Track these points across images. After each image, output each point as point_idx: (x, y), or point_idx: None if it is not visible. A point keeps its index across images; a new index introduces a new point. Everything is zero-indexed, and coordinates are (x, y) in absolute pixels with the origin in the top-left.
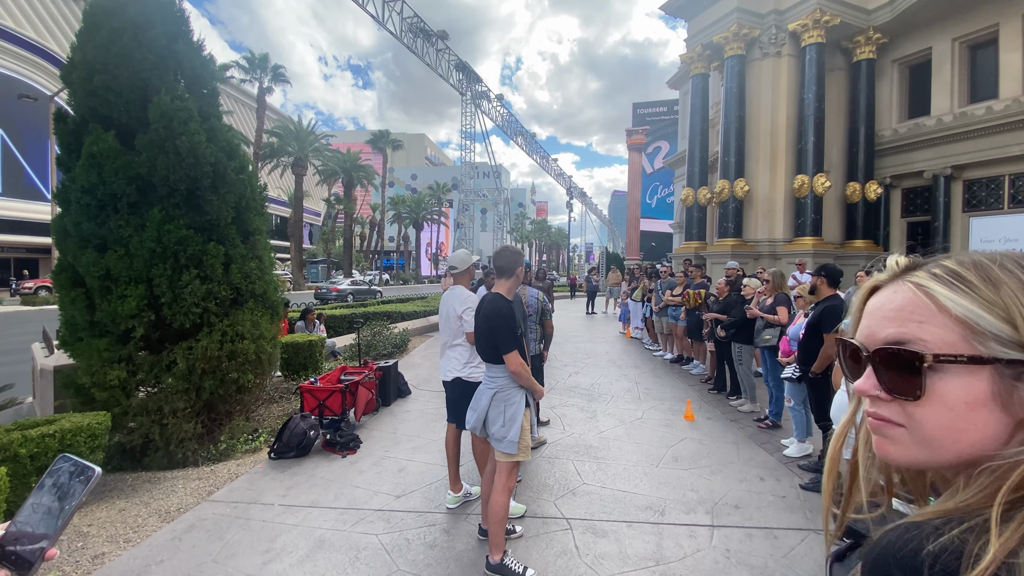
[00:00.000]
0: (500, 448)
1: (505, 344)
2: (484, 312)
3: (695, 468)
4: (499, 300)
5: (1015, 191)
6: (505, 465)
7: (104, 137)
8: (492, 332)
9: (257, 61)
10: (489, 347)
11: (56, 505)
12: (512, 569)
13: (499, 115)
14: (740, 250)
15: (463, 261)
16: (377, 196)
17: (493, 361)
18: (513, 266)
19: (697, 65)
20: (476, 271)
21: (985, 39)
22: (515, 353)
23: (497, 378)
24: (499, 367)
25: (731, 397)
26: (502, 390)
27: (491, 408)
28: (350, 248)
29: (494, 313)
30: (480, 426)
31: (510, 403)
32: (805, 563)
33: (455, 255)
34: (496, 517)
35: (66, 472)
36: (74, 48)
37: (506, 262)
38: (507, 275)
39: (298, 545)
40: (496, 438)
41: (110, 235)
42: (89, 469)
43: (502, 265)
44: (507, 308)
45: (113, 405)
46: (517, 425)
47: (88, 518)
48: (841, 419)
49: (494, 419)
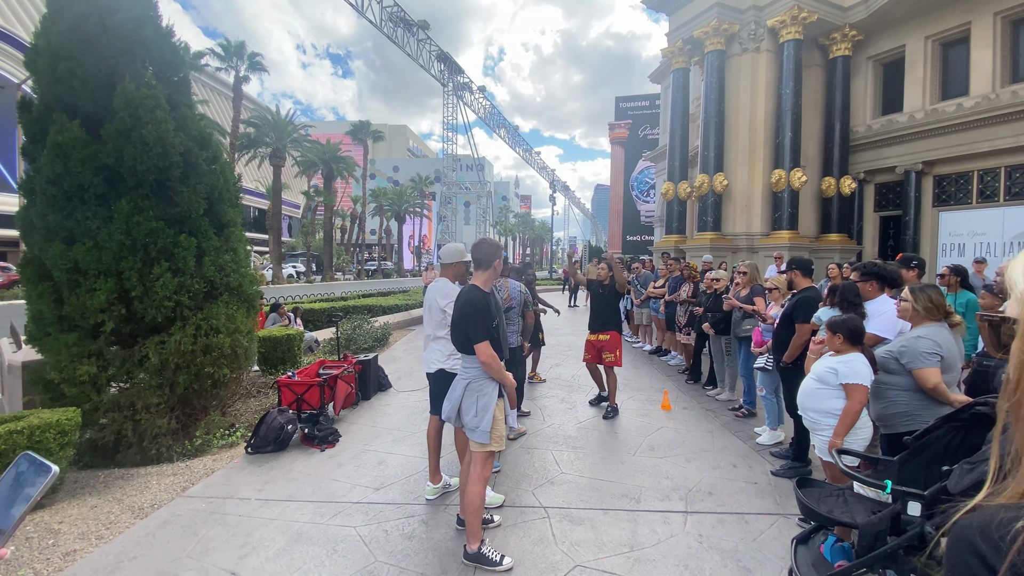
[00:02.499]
0: (473, 438)
1: (476, 335)
2: (458, 303)
3: (671, 456)
4: (474, 291)
5: (983, 186)
6: (479, 455)
7: (70, 126)
8: (464, 322)
9: (233, 48)
10: (463, 337)
11: (12, 503)
12: (489, 557)
13: (482, 107)
14: (719, 244)
15: (450, 255)
16: (358, 188)
17: (467, 352)
18: (491, 258)
19: (678, 60)
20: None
21: (957, 37)
22: (485, 344)
23: (470, 368)
24: (473, 358)
25: (707, 387)
26: (475, 380)
27: (464, 398)
28: (330, 241)
29: (467, 303)
30: (455, 415)
31: (483, 393)
32: (774, 546)
33: (447, 247)
34: (472, 506)
35: (23, 470)
36: (37, 34)
37: (484, 254)
38: (484, 267)
39: (275, 539)
40: (469, 428)
41: (77, 227)
42: (46, 467)
43: (480, 257)
44: (480, 299)
45: (83, 401)
46: (489, 415)
47: (59, 515)
48: (805, 404)
49: (467, 409)
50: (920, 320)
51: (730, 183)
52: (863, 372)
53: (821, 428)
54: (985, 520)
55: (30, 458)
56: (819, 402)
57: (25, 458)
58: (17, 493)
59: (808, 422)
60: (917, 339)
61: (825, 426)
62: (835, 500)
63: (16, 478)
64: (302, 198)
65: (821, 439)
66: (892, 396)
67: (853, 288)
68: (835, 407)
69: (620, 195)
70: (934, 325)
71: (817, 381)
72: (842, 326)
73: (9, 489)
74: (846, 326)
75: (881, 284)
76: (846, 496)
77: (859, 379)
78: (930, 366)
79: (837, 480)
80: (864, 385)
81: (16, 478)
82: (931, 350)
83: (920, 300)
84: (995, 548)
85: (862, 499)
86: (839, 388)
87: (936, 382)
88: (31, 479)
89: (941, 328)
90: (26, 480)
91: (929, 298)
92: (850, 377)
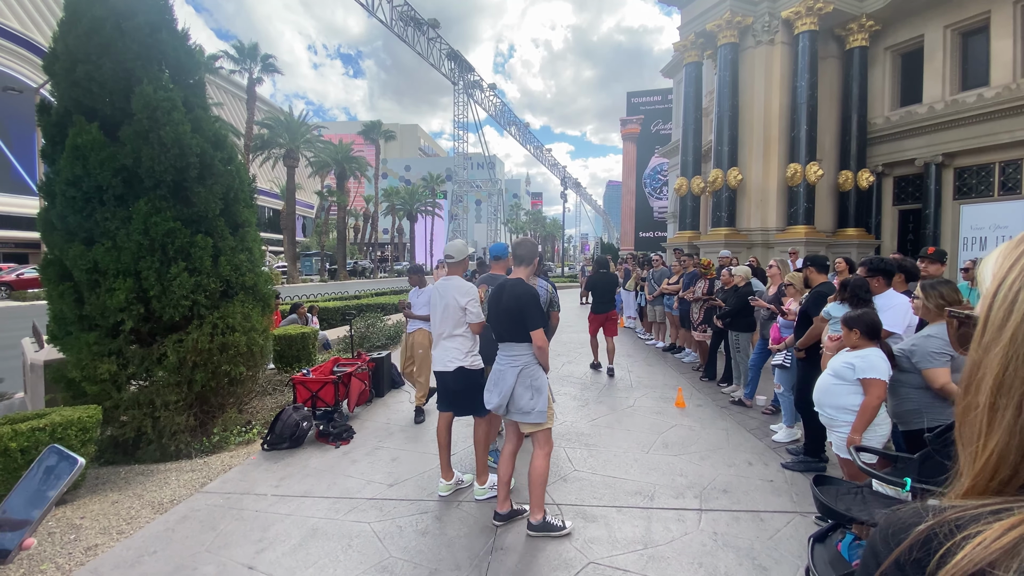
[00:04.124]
0: (530, 420)
1: (534, 321)
2: (513, 294)
3: (685, 454)
4: (524, 284)
5: (1005, 178)
6: (541, 434)
7: (88, 128)
8: (522, 311)
9: (246, 51)
10: (515, 326)
11: (40, 494)
12: (554, 524)
13: (492, 105)
14: (733, 239)
15: (460, 251)
16: (370, 188)
17: (517, 340)
18: (532, 255)
19: (691, 54)
20: (471, 262)
21: (977, 26)
22: (542, 330)
23: (521, 356)
24: (523, 346)
25: (722, 384)
26: (527, 367)
27: (517, 385)
28: (344, 241)
29: (524, 294)
30: (505, 405)
31: (535, 377)
32: (790, 544)
33: (452, 244)
34: (541, 480)
35: (52, 462)
36: (56, 38)
37: (526, 251)
38: (526, 263)
39: (291, 534)
40: (524, 411)
41: (96, 228)
42: (72, 459)
43: (522, 254)
44: (533, 290)
45: (104, 399)
46: (544, 396)
47: (81, 510)
48: (821, 401)
49: (521, 394)
50: (934, 317)
51: (744, 178)
52: (880, 366)
53: (838, 425)
54: (889, 521)
55: (57, 451)
56: (836, 398)
57: (52, 451)
58: (44, 485)
59: (825, 419)
60: (927, 338)
61: (842, 423)
62: (853, 498)
63: (43, 470)
64: (315, 198)
65: (838, 436)
66: (904, 393)
67: (863, 283)
68: (852, 403)
69: (632, 191)
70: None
71: (834, 377)
72: (859, 321)
73: (37, 481)
74: (863, 321)
75: (888, 279)
76: (864, 494)
77: (877, 373)
78: (938, 366)
79: (854, 478)
80: (882, 379)
81: (43, 470)
82: (940, 349)
83: (931, 297)
84: (886, 546)
85: (880, 497)
86: (856, 383)
87: (944, 382)
88: (58, 471)
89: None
90: (53, 472)
91: (941, 295)
92: (868, 372)
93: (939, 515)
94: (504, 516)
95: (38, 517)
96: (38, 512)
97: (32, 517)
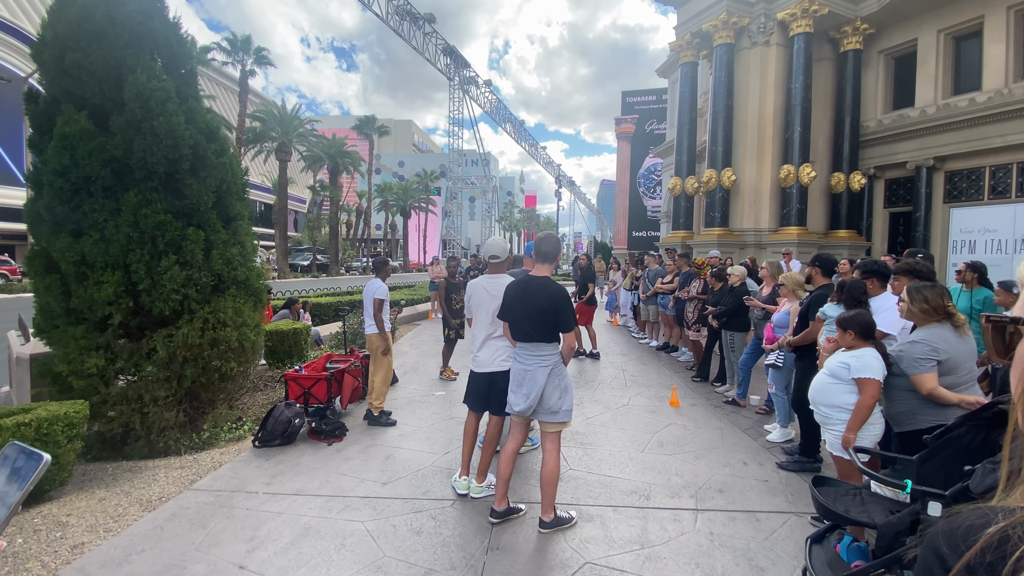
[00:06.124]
0: (556, 419)
1: (568, 323)
2: (547, 294)
3: (680, 453)
4: (556, 283)
5: (995, 182)
6: (556, 434)
7: (77, 118)
8: (557, 313)
9: (239, 43)
10: (547, 327)
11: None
12: (564, 517)
13: (487, 101)
14: (726, 239)
15: (503, 249)
16: (363, 183)
17: (548, 340)
18: (556, 252)
19: (686, 53)
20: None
21: (970, 31)
22: (574, 331)
23: (551, 356)
24: (552, 345)
25: (716, 384)
26: (556, 366)
27: (548, 384)
28: (336, 236)
29: (559, 294)
30: (535, 405)
31: (563, 376)
32: (786, 545)
33: (494, 242)
34: (554, 479)
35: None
36: (45, 25)
37: (551, 248)
38: (550, 260)
39: (283, 533)
40: (553, 411)
41: (85, 220)
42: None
43: (548, 250)
44: (566, 290)
45: (92, 393)
46: (570, 395)
47: (67, 507)
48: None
49: (550, 394)
50: (920, 321)
51: (738, 178)
52: (875, 366)
53: (833, 423)
54: (954, 523)
55: (18, 447)
56: (831, 397)
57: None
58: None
59: (820, 417)
60: (912, 344)
61: (837, 421)
62: (851, 499)
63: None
64: (308, 193)
65: (833, 434)
66: (896, 395)
67: (860, 285)
68: (847, 402)
69: (626, 190)
70: (934, 327)
71: (829, 376)
72: (852, 322)
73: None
74: (856, 321)
75: (882, 281)
76: (863, 495)
77: (871, 373)
78: (923, 372)
79: (846, 476)
80: (876, 379)
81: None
82: (925, 355)
83: (916, 301)
84: (954, 549)
85: (879, 498)
86: (851, 383)
87: (931, 387)
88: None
89: (941, 329)
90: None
91: (925, 299)
92: (862, 371)
93: (1010, 517)
94: (501, 513)
95: (5, 518)
96: (4, 512)
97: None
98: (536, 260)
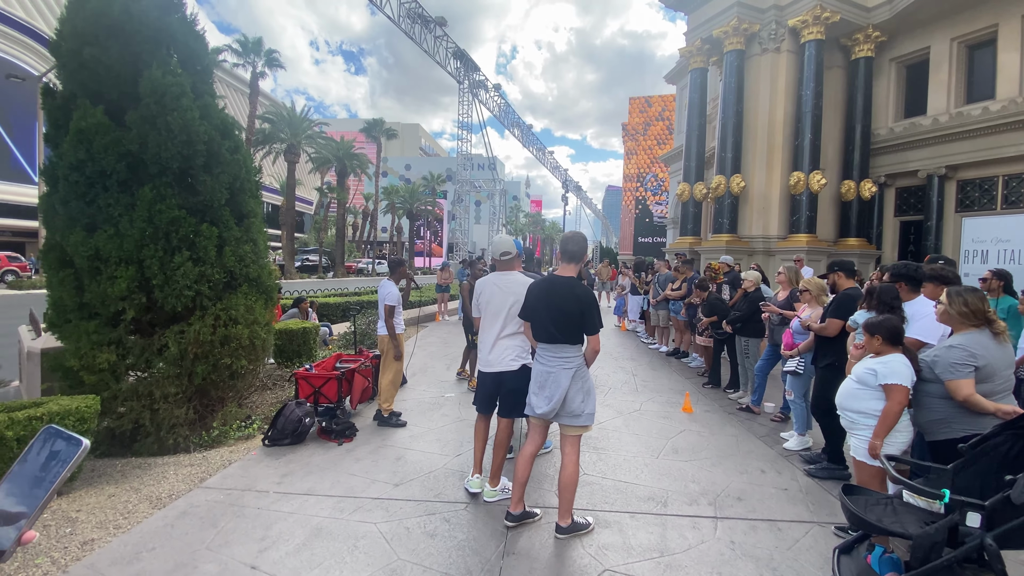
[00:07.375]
0: (579, 423)
1: (594, 325)
2: (574, 295)
3: (695, 460)
4: (582, 285)
5: (1008, 192)
6: (577, 438)
7: (93, 112)
8: (583, 315)
9: (251, 45)
10: (572, 328)
11: (38, 482)
12: (581, 523)
13: (496, 105)
14: (735, 246)
15: (512, 245)
16: (370, 185)
17: (572, 342)
18: (582, 251)
19: (696, 59)
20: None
21: (984, 39)
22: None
23: (574, 358)
24: (576, 347)
25: (729, 390)
26: (580, 368)
27: (571, 387)
28: (343, 238)
29: (586, 296)
30: (558, 408)
31: (587, 378)
32: (811, 555)
33: (502, 240)
34: (573, 484)
35: (50, 445)
36: (63, 19)
37: (578, 247)
38: (577, 260)
39: (294, 533)
40: (575, 414)
41: (99, 214)
42: (76, 440)
43: (575, 250)
44: (592, 292)
45: (102, 389)
46: (594, 397)
47: (77, 503)
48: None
49: (574, 396)
50: (958, 325)
51: (747, 185)
52: (903, 372)
53: (859, 428)
54: None
55: (56, 431)
56: (858, 402)
57: (49, 431)
58: (44, 472)
59: (846, 422)
60: (949, 349)
61: (863, 426)
62: (883, 508)
63: (41, 455)
64: (315, 194)
65: (858, 439)
66: (928, 403)
67: (891, 290)
68: (874, 408)
69: (632, 196)
70: (973, 332)
71: (857, 382)
72: (880, 327)
73: (35, 467)
74: (884, 327)
75: (911, 285)
76: (895, 505)
77: (898, 379)
78: (960, 377)
79: (867, 483)
80: (904, 386)
81: (41, 455)
82: (962, 361)
83: (956, 304)
84: None
85: (912, 508)
86: (879, 389)
87: (967, 394)
88: (59, 455)
89: (980, 335)
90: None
91: (965, 302)
92: (889, 377)
93: None
94: (517, 517)
95: (38, 507)
96: (37, 503)
97: (32, 507)
98: (562, 260)
